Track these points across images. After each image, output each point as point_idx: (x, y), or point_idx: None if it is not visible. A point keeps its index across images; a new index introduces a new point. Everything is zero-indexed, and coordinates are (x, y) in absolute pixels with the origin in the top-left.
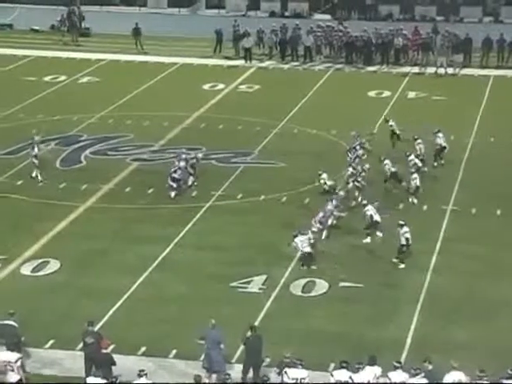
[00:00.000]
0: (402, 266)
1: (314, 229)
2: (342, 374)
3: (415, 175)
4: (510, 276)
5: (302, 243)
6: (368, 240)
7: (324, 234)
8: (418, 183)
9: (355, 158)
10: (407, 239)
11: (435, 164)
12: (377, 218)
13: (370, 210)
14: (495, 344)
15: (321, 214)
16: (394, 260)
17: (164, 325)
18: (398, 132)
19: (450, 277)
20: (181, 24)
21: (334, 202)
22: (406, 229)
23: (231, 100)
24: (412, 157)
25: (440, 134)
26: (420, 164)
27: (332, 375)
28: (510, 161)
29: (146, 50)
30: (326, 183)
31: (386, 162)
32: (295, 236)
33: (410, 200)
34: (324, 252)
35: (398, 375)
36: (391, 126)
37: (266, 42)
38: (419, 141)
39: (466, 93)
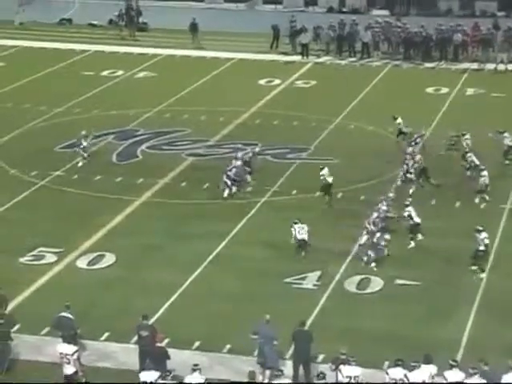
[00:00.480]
0: (483, 275)
1: (368, 229)
2: (398, 373)
3: (485, 172)
4: None
5: (300, 229)
6: (413, 245)
7: (378, 234)
8: (487, 181)
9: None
10: (487, 245)
11: (506, 162)
12: (417, 220)
13: (412, 211)
14: None
15: (375, 215)
16: (473, 268)
17: (218, 320)
18: (405, 131)
19: (508, 277)
20: (238, 19)
21: (385, 202)
22: (485, 234)
23: (287, 96)
24: (470, 154)
25: (506, 134)
26: (477, 162)
27: (387, 373)
28: None
29: (203, 45)
30: (325, 179)
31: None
32: (295, 223)
33: (477, 200)
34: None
35: (454, 374)
36: (399, 124)
37: (323, 37)
38: (467, 136)
39: None
